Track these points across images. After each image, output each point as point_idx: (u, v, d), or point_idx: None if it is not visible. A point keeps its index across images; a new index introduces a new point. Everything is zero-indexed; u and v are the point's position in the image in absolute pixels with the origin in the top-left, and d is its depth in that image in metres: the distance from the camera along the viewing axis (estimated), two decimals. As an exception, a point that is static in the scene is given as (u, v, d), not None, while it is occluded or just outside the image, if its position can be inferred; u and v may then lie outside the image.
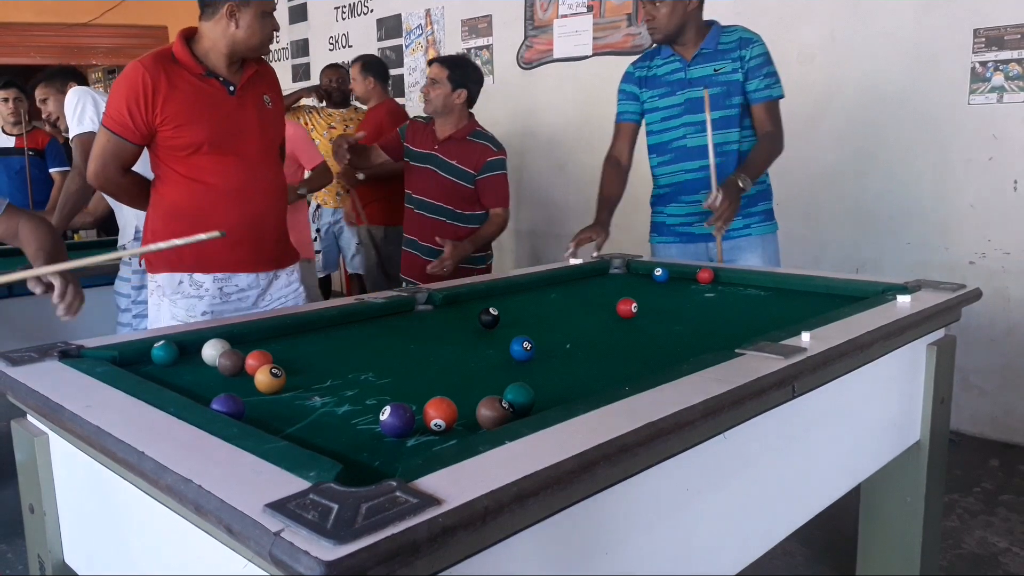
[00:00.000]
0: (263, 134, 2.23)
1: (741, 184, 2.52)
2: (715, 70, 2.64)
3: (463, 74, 3.00)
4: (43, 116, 3.47)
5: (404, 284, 3.10)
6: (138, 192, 2.26)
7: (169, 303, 2.22)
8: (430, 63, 3.06)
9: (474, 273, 2.98)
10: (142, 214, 2.86)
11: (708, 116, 2.55)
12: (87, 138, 2.88)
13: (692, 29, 2.65)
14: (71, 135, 2.93)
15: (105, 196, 3.09)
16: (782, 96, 2.66)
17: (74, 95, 2.94)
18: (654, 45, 2.79)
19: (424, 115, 3.18)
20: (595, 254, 2.70)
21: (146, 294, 2.84)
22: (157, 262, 2.23)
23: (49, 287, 1.63)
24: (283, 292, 2.36)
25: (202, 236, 1.58)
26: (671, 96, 2.71)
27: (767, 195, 2.74)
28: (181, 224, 2.15)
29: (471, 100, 3.08)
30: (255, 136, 2.20)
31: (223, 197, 2.16)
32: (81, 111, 2.88)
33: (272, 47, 2.39)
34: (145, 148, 2.17)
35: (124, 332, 2.84)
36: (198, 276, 2.20)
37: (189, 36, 2.16)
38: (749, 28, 2.69)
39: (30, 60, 9.93)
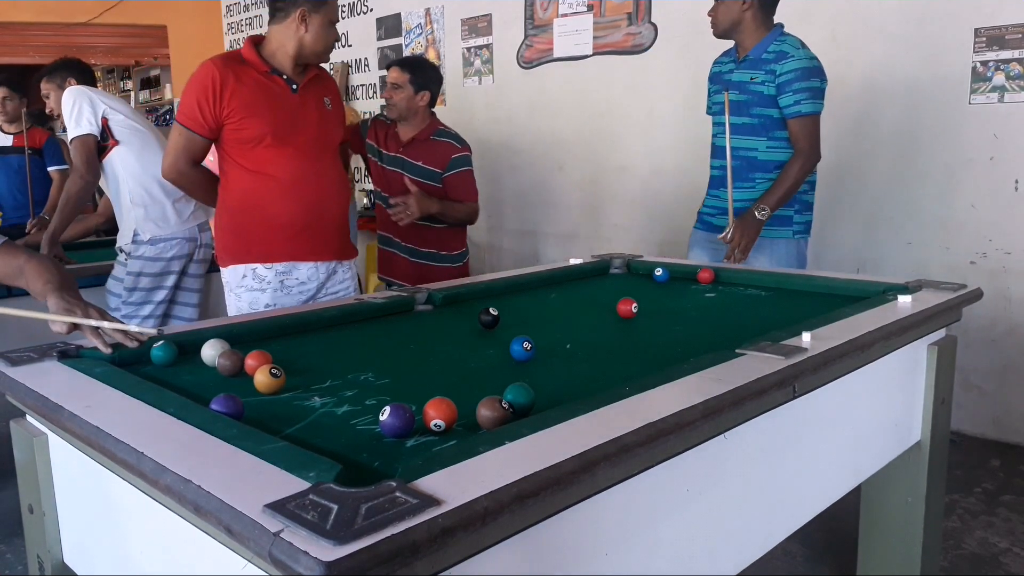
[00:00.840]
0: (322, 131, 2.35)
1: (758, 215, 2.61)
2: (751, 78, 2.68)
3: (424, 76, 2.96)
4: (47, 111, 3.43)
5: (387, 285, 3.07)
6: (207, 186, 2.40)
7: (234, 297, 2.34)
8: (388, 67, 3.01)
9: (451, 272, 2.97)
10: (141, 219, 2.89)
11: (727, 120, 2.61)
12: (86, 139, 2.88)
13: (745, 31, 2.68)
14: (69, 137, 2.92)
15: (111, 199, 3.10)
16: (814, 112, 2.64)
17: (69, 96, 2.92)
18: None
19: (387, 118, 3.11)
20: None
21: (137, 296, 2.88)
22: (224, 256, 2.38)
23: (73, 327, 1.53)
24: (338, 288, 2.46)
25: (134, 328, 1.54)
26: (719, 94, 2.80)
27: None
28: (246, 216, 2.31)
29: (433, 100, 3.03)
30: (315, 132, 2.33)
31: (285, 188, 2.28)
32: (78, 113, 2.88)
33: None
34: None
35: None
36: (261, 270, 2.31)
37: (258, 42, 2.31)
38: (801, 40, 2.68)
39: (29, 59, 9.94)
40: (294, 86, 2.30)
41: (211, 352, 1.49)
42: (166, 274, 2.95)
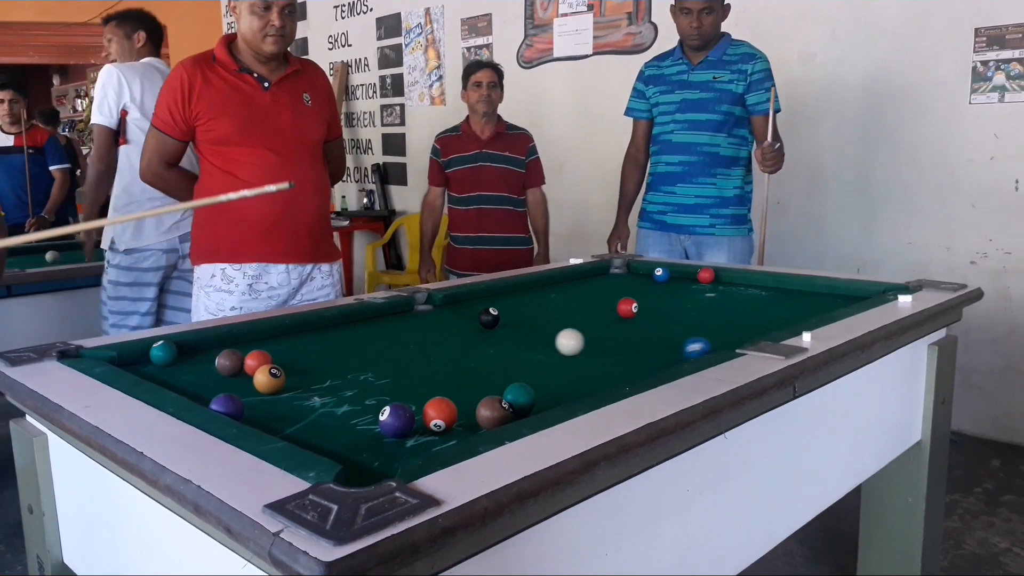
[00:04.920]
0: (297, 130, 2.27)
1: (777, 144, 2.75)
2: (714, 77, 2.83)
3: (503, 78, 3.44)
4: (103, 55, 3.34)
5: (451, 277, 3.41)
6: (183, 186, 2.35)
7: (203, 295, 2.30)
8: (477, 68, 3.38)
9: (522, 255, 3.39)
10: (119, 227, 2.85)
11: (772, 108, 2.74)
12: (102, 130, 2.88)
13: (715, 37, 2.85)
14: (92, 119, 2.92)
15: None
16: (780, 110, 2.83)
17: (101, 77, 2.87)
18: (652, 46, 2.87)
19: (449, 128, 3.51)
20: (622, 251, 3.07)
21: (121, 305, 2.87)
22: (196, 254, 2.33)
23: None
24: (316, 294, 2.39)
25: (247, 193, 1.57)
26: (670, 94, 2.91)
27: (739, 201, 2.92)
28: (217, 215, 2.26)
29: None
30: (288, 131, 2.26)
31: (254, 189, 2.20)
32: (102, 99, 2.85)
33: None
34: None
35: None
36: (230, 271, 2.26)
37: (232, 40, 2.26)
38: (753, 43, 2.88)
39: (29, 59, 9.94)
40: (266, 84, 2.23)
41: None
42: (144, 285, 2.91)
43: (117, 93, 2.85)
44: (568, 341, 1.55)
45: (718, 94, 2.81)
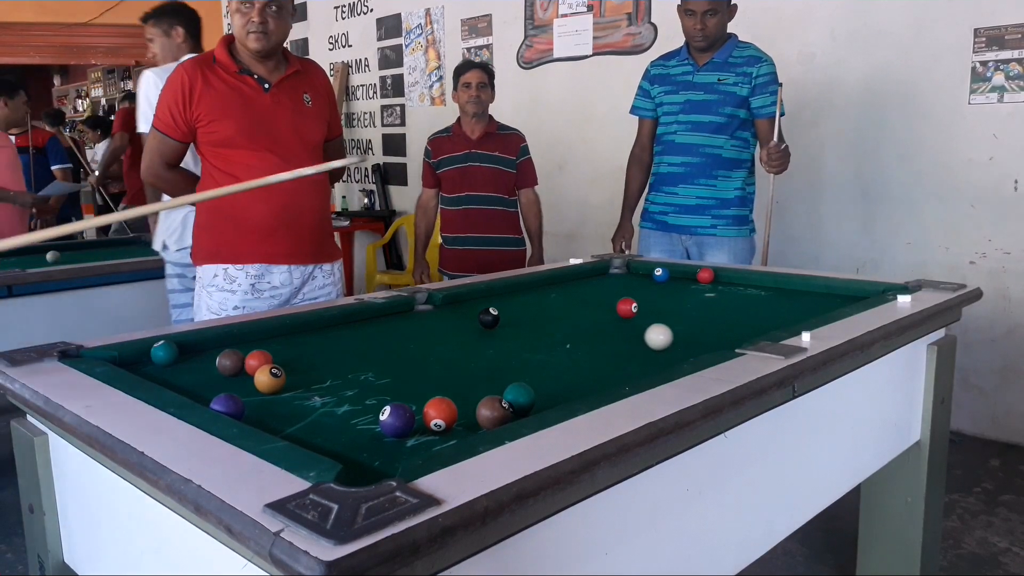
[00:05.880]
0: (298, 131, 2.27)
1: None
2: (719, 79, 2.82)
3: (494, 78, 3.44)
4: (148, 55, 3.27)
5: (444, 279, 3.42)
6: (185, 187, 2.35)
7: (205, 295, 2.31)
8: (467, 69, 3.35)
9: (513, 256, 3.39)
10: (166, 230, 2.87)
11: (778, 109, 2.75)
12: (146, 138, 2.87)
13: (721, 38, 2.84)
14: (138, 131, 2.91)
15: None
16: (784, 114, 2.83)
17: (141, 85, 2.82)
18: (652, 46, 2.87)
19: (441, 129, 3.51)
20: (626, 250, 3.09)
21: (176, 298, 2.89)
22: (198, 254, 2.34)
23: None
24: (317, 293, 2.39)
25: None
26: (674, 95, 2.91)
27: (741, 202, 2.92)
28: (219, 217, 2.27)
29: None
30: (289, 132, 2.25)
31: (256, 190, 2.19)
32: (144, 110, 2.82)
33: None
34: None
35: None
36: (232, 271, 2.26)
37: (232, 40, 2.26)
38: (759, 45, 2.88)
39: (29, 60, 9.95)
40: (266, 85, 2.23)
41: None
42: (190, 278, 2.92)
43: (152, 106, 2.78)
44: (657, 336, 1.58)
45: (722, 96, 2.81)
